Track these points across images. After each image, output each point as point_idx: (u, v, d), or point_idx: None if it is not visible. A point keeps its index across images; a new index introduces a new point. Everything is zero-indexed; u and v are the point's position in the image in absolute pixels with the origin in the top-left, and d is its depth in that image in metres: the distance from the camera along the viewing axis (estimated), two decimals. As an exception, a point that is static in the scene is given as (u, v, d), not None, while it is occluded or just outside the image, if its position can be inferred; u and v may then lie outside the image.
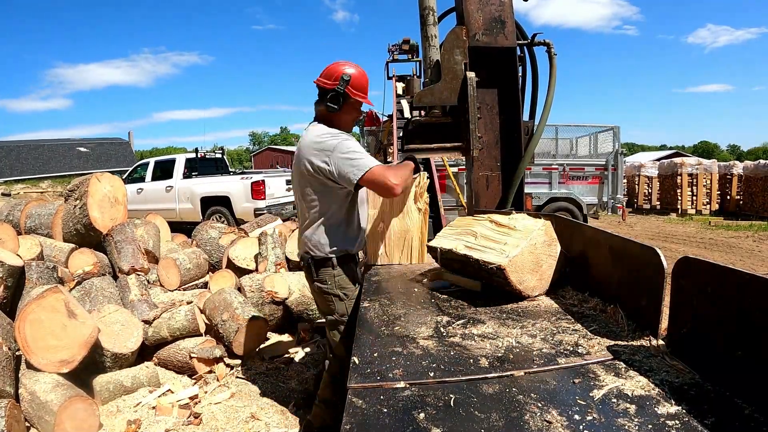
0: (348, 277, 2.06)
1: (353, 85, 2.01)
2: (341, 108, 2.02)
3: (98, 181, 4.05)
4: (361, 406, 0.93)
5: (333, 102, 2.00)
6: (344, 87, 1.98)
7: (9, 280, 2.88)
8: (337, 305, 2.05)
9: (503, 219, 1.81)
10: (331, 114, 2.03)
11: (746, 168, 14.55)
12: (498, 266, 1.51)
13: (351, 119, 2.13)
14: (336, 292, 2.03)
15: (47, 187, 14.54)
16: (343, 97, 2.00)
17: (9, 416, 2.11)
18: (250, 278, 3.69)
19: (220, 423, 2.47)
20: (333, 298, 2.04)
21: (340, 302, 2.04)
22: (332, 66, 2.04)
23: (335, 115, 2.04)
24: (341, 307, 2.05)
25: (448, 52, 2.38)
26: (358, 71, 2.03)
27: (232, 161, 34.65)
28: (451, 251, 1.76)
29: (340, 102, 2.00)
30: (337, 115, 2.04)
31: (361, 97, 2.04)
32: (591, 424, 0.85)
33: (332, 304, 2.05)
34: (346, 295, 2.04)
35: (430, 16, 2.54)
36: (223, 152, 10.76)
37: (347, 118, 2.09)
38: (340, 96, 1.99)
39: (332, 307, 2.05)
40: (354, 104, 2.06)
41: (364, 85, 2.05)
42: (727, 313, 0.97)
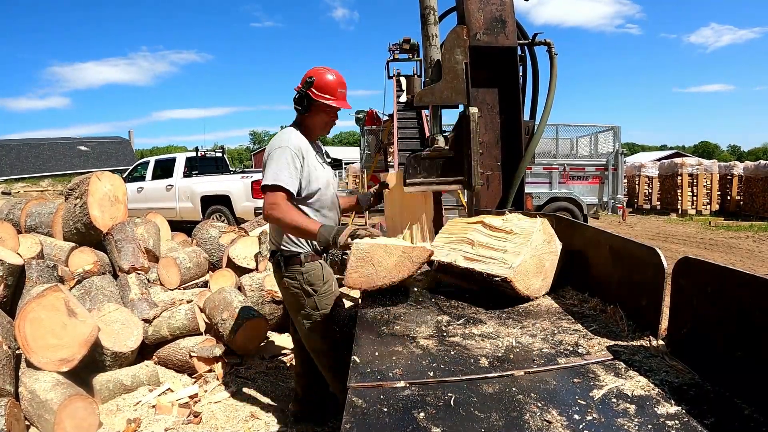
0: (316, 274, 2.06)
1: (317, 87, 2.01)
2: (307, 110, 2.04)
3: (98, 179, 4.05)
4: (361, 406, 0.93)
5: (297, 103, 2.04)
6: (307, 89, 2.01)
7: (9, 279, 2.88)
8: (307, 300, 2.06)
9: (497, 222, 1.78)
10: (301, 116, 2.08)
11: (746, 168, 14.54)
12: (504, 279, 1.50)
13: (321, 122, 2.10)
14: (305, 288, 2.04)
15: (47, 186, 14.54)
16: (306, 99, 2.02)
17: (9, 415, 2.11)
18: (250, 277, 3.69)
19: (219, 422, 2.47)
20: (302, 294, 2.06)
21: (309, 297, 2.05)
22: (308, 71, 2.08)
23: (304, 117, 2.08)
24: (311, 302, 2.06)
25: (448, 52, 2.38)
26: (326, 73, 2.04)
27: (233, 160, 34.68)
28: (451, 265, 1.73)
29: (304, 103, 2.03)
30: (305, 117, 2.08)
31: (325, 98, 2.02)
32: (591, 423, 0.85)
33: (302, 299, 2.06)
34: (315, 291, 2.05)
35: (430, 16, 2.53)
36: (223, 151, 10.75)
37: (316, 121, 2.09)
38: (303, 97, 2.02)
39: (302, 301, 2.07)
40: (321, 107, 2.04)
41: (330, 87, 2.03)
42: (727, 313, 0.97)
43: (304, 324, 2.10)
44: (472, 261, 1.65)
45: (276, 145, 1.97)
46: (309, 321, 2.08)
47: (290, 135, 2.02)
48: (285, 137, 2.00)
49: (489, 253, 1.64)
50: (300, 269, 2.05)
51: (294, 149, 1.95)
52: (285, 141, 1.97)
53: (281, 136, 2.02)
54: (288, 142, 1.96)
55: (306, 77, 2.03)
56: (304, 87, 2.02)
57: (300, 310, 2.09)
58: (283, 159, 1.92)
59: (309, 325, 2.09)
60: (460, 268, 1.67)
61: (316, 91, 2.01)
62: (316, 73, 2.03)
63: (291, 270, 2.06)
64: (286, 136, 2.02)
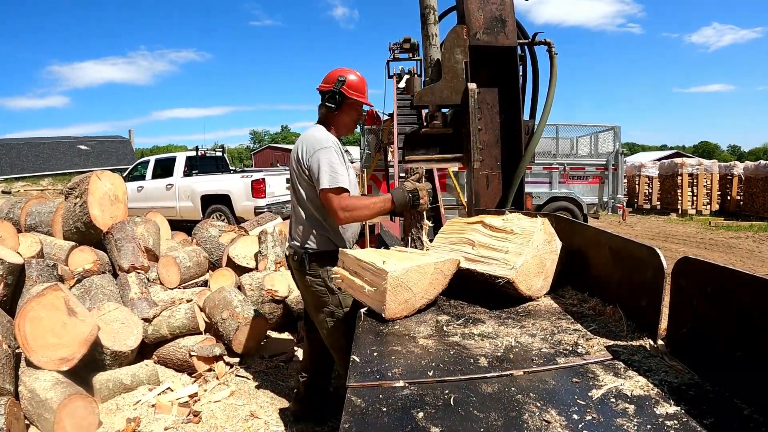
0: None
1: (349, 86, 2.10)
2: (339, 108, 2.11)
3: (98, 179, 4.05)
4: (360, 405, 0.93)
5: (330, 101, 2.10)
6: (340, 87, 2.08)
7: (9, 278, 2.88)
8: (331, 298, 2.08)
9: (498, 222, 1.78)
10: (330, 115, 2.13)
11: (747, 168, 14.54)
12: (507, 280, 1.50)
13: (350, 120, 2.19)
14: (329, 286, 2.06)
15: (47, 185, 14.54)
16: (339, 96, 2.09)
17: (8, 414, 2.11)
18: (250, 276, 3.69)
19: (219, 421, 2.47)
20: (326, 291, 2.08)
21: (333, 295, 2.07)
22: (332, 72, 2.15)
23: (334, 116, 2.13)
24: (335, 300, 2.08)
25: (448, 51, 2.37)
26: (356, 75, 2.14)
27: (233, 159, 34.67)
28: None
29: (337, 101, 2.09)
30: (335, 116, 2.13)
31: (358, 96, 2.12)
32: (590, 423, 0.85)
33: (325, 297, 2.09)
34: (339, 288, 2.04)
35: (430, 15, 2.53)
36: (223, 150, 10.75)
37: (346, 120, 2.17)
38: (336, 95, 2.08)
39: (325, 299, 2.09)
40: (352, 105, 2.13)
41: (360, 87, 2.14)
42: (727, 313, 0.97)
43: (327, 322, 2.12)
44: (474, 262, 1.65)
45: (319, 145, 1.99)
46: (332, 319, 2.10)
47: (326, 133, 2.07)
48: (323, 136, 2.04)
49: (490, 254, 1.63)
50: (325, 267, 2.06)
51: (336, 147, 2.01)
52: (325, 140, 2.01)
53: (317, 137, 2.05)
54: (329, 141, 2.01)
55: (337, 76, 2.10)
56: (336, 86, 2.08)
57: (323, 308, 2.11)
58: (334, 158, 1.97)
59: (332, 323, 2.10)
60: (462, 269, 1.66)
61: (348, 89, 2.09)
62: (345, 72, 2.12)
63: (315, 268, 2.09)
64: (323, 134, 2.06)
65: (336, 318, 2.09)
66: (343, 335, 2.08)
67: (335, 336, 2.12)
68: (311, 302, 2.20)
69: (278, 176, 8.74)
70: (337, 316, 2.09)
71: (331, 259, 2.04)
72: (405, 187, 2.02)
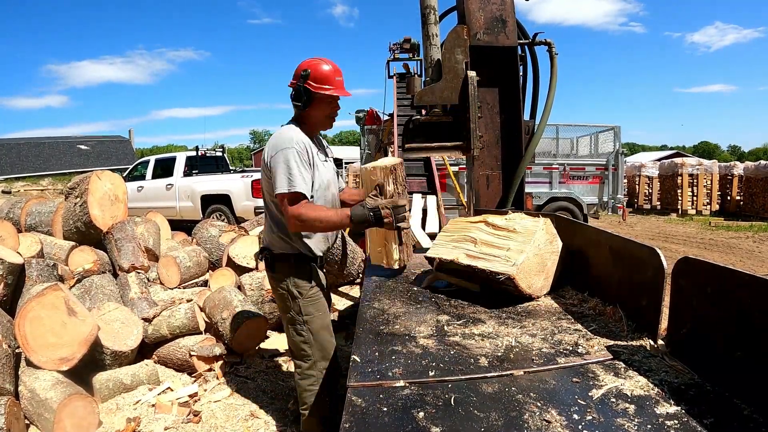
0: (304, 277, 1.98)
1: (314, 78, 1.92)
2: (307, 104, 1.95)
3: (99, 179, 4.05)
4: (360, 405, 0.93)
5: (295, 99, 1.96)
6: (303, 82, 1.92)
7: (9, 278, 2.88)
8: (292, 303, 1.99)
9: (501, 221, 1.78)
10: (301, 113, 1.99)
11: (747, 169, 14.54)
12: (507, 276, 1.50)
13: (323, 115, 2.01)
14: (290, 290, 1.97)
15: (47, 185, 14.54)
16: (304, 93, 1.92)
17: (9, 414, 2.11)
18: (250, 276, 3.69)
19: (219, 421, 2.47)
20: (287, 296, 1.99)
21: (294, 300, 1.98)
22: (299, 64, 1.98)
23: (304, 113, 1.99)
24: (296, 306, 1.98)
25: (449, 52, 2.38)
26: (320, 63, 1.94)
27: (233, 159, 34.63)
28: (453, 262, 1.72)
29: (302, 98, 1.93)
30: (306, 112, 1.98)
31: (324, 89, 1.92)
32: (590, 423, 0.85)
33: (288, 301, 2.00)
34: (300, 294, 1.98)
35: (431, 15, 2.53)
36: (223, 150, 10.75)
37: (317, 115, 1.99)
38: (300, 93, 1.93)
39: (288, 304, 2.00)
40: (321, 99, 1.95)
41: (327, 77, 1.93)
42: (727, 313, 0.97)
43: (288, 328, 2.05)
44: (475, 259, 1.65)
45: (279, 146, 1.87)
46: (291, 325, 2.01)
47: (291, 133, 1.92)
48: (286, 136, 1.91)
49: (492, 251, 1.64)
50: (288, 270, 1.98)
51: (298, 148, 1.87)
52: (287, 141, 1.88)
53: (282, 136, 1.92)
54: (290, 142, 1.87)
55: (300, 70, 1.94)
56: (300, 81, 1.92)
57: (285, 312, 2.03)
58: (292, 161, 1.83)
59: (291, 328, 2.02)
60: (463, 265, 1.66)
61: (313, 83, 1.92)
62: (309, 65, 1.94)
63: (279, 270, 2.01)
64: (288, 134, 1.92)
65: (295, 324, 2.00)
66: (299, 348, 2.00)
67: (293, 344, 2.04)
68: (278, 305, 2.13)
69: None
70: (297, 322, 2.00)
71: (297, 262, 1.99)
72: (366, 203, 1.88)
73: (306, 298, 1.98)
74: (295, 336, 2.01)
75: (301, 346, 2.01)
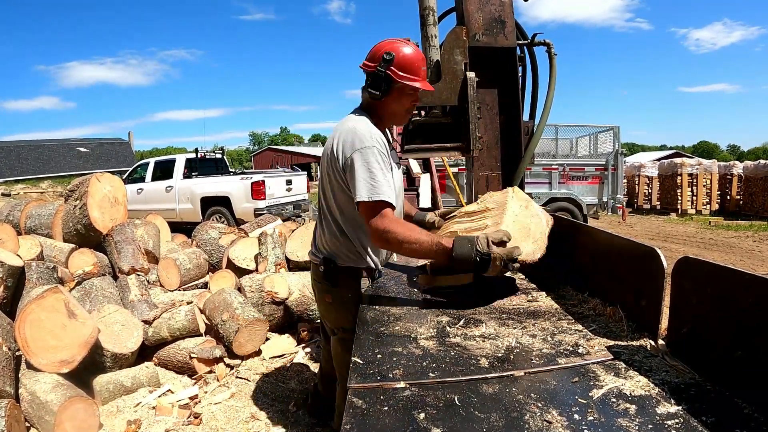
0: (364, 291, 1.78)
1: (398, 65, 1.64)
2: (386, 94, 1.67)
3: (98, 181, 4.05)
4: (361, 406, 0.93)
5: (374, 87, 1.66)
6: (386, 68, 1.63)
7: (9, 281, 2.88)
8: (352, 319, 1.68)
9: (474, 206, 1.79)
10: (375, 102, 1.70)
11: (746, 168, 14.55)
12: None
13: (401, 109, 1.74)
14: (351, 308, 1.70)
15: (47, 188, 14.55)
16: (385, 81, 1.64)
17: (9, 416, 2.11)
18: (250, 278, 3.69)
19: (220, 423, 2.47)
20: (347, 313, 1.73)
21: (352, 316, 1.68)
22: (377, 45, 1.71)
23: (379, 103, 1.70)
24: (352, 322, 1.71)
25: (448, 53, 2.38)
26: (406, 48, 1.67)
27: (232, 161, 34.67)
28: None
29: (381, 87, 1.65)
30: (381, 103, 1.70)
31: (409, 79, 1.65)
32: (591, 424, 0.85)
33: (347, 316, 1.73)
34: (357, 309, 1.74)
35: (429, 16, 2.53)
36: (223, 152, 10.77)
37: (396, 108, 1.72)
38: (380, 79, 1.64)
39: (348, 318, 1.72)
40: (403, 89, 1.67)
41: (413, 65, 1.66)
42: (728, 313, 0.97)
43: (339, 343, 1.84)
44: None
45: (360, 144, 1.58)
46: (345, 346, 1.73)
47: (368, 128, 1.63)
48: (365, 130, 1.61)
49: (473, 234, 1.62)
50: (354, 284, 1.76)
51: (380, 146, 1.60)
52: (368, 137, 1.59)
53: (360, 130, 1.61)
54: (372, 139, 1.59)
55: (383, 53, 1.64)
56: (382, 65, 1.63)
57: (340, 327, 1.82)
58: (374, 163, 1.56)
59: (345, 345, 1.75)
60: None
61: (398, 70, 1.64)
62: (393, 47, 1.65)
63: (344, 284, 1.78)
64: (366, 129, 1.62)
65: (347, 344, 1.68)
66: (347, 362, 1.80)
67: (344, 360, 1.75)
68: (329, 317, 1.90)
69: (278, 178, 8.75)
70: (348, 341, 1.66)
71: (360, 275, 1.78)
72: (478, 240, 1.46)
73: None
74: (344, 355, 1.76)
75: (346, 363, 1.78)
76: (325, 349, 2.26)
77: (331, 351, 2.01)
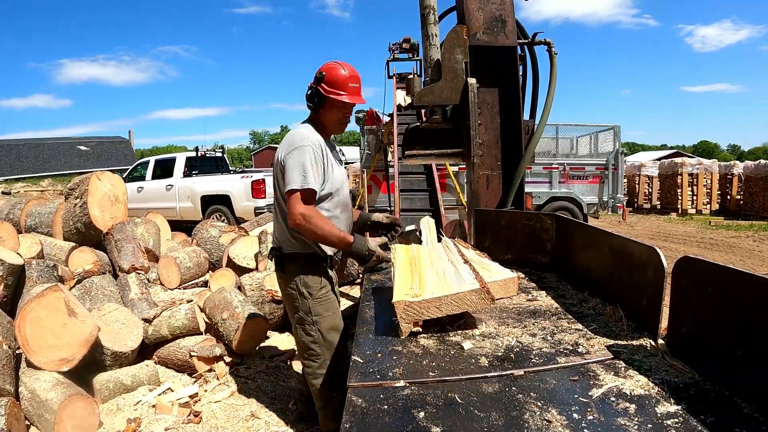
0: (314, 277, 1.99)
1: (327, 82, 1.94)
2: (320, 107, 1.97)
3: (98, 179, 4.05)
4: (361, 405, 0.93)
5: (308, 100, 1.99)
6: (317, 84, 1.95)
7: (9, 279, 2.88)
8: (301, 303, 1.99)
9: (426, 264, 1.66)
10: (315, 114, 2.02)
11: (747, 168, 14.53)
12: None
13: (334, 119, 2.03)
14: (300, 290, 1.98)
15: (47, 186, 14.54)
16: (317, 96, 1.96)
17: (9, 414, 2.11)
18: (250, 277, 3.69)
19: (220, 421, 2.47)
20: (297, 296, 1.99)
21: (304, 300, 1.98)
22: (321, 66, 2.02)
23: (318, 115, 2.01)
24: (305, 305, 1.99)
25: (448, 51, 2.38)
26: (338, 68, 1.96)
27: (233, 160, 34.64)
28: None
29: (314, 100, 1.97)
30: (318, 115, 2.01)
31: (335, 94, 1.93)
32: (591, 423, 0.86)
33: (297, 301, 2.00)
34: (310, 294, 1.99)
35: (430, 15, 2.53)
36: (223, 151, 10.76)
37: (330, 118, 2.01)
38: (314, 95, 1.97)
39: (297, 304, 2.00)
40: (334, 103, 1.96)
41: (341, 82, 1.94)
42: (727, 313, 0.97)
43: (297, 329, 2.05)
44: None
45: (296, 144, 1.89)
46: (301, 326, 2.02)
47: (306, 132, 1.95)
48: (303, 134, 1.93)
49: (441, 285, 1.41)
50: (298, 269, 1.99)
51: (314, 146, 1.89)
52: (303, 138, 1.90)
53: (298, 134, 1.94)
54: (307, 140, 1.89)
55: (317, 73, 1.97)
56: (314, 83, 1.96)
57: (294, 313, 2.04)
58: (307, 158, 1.85)
59: (300, 329, 2.03)
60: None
61: (326, 86, 1.94)
62: (326, 68, 1.97)
63: (289, 270, 2.01)
64: (304, 132, 1.94)
65: (304, 324, 2.01)
66: (308, 348, 2.01)
67: (301, 344, 2.06)
68: (286, 305, 2.13)
69: None
70: (306, 322, 2.00)
71: (307, 262, 2.00)
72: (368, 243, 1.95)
73: (315, 299, 1.99)
74: (304, 336, 2.02)
75: (310, 346, 2.01)
76: None
77: None
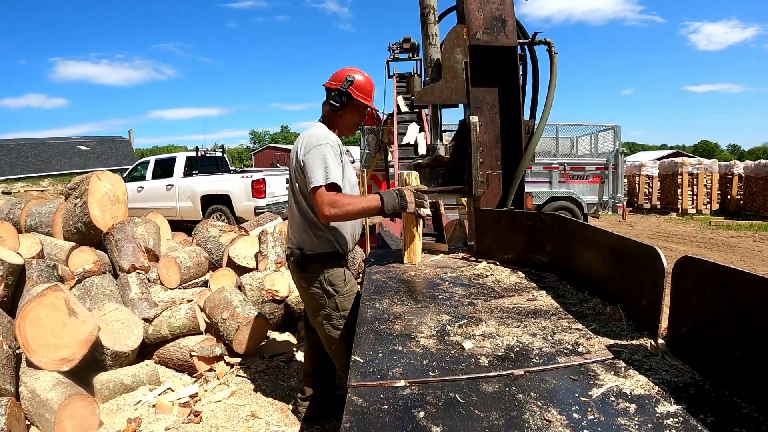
0: (338, 274, 2.08)
1: (357, 87, 2.08)
2: (343, 108, 2.09)
3: (99, 179, 4.05)
4: (361, 405, 0.93)
5: (335, 100, 2.08)
6: (347, 87, 2.06)
7: (9, 279, 2.88)
8: (327, 301, 2.07)
9: None
10: (333, 114, 2.11)
11: (747, 168, 14.55)
12: None
13: (352, 121, 2.17)
14: (326, 288, 2.06)
15: (48, 186, 14.54)
16: (345, 96, 2.07)
17: (9, 414, 2.11)
18: (251, 277, 3.69)
19: (220, 421, 2.47)
20: (322, 294, 2.07)
21: (330, 298, 2.06)
22: (341, 70, 2.14)
23: (337, 115, 2.11)
24: (332, 303, 2.07)
25: (448, 51, 2.38)
26: (365, 76, 2.13)
27: (233, 160, 34.65)
28: None
29: (342, 101, 2.07)
30: (338, 115, 2.11)
31: (364, 99, 2.10)
32: (591, 423, 0.86)
33: (322, 299, 2.07)
34: (336, 291, 2.06)
35: (430, 15, 2.53)
36: (223, 150, 10.77)
37: (348, 120, 2.15)
38: (342, 95, 2.07)
39: (322, 302, 2.08)
40: (356, 106, 2.12)
41: (367, 90, 2.13)
42: (727, 313, 0.97)
43: (324, 326, 2.10)
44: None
45: (315, 143, 1.96)
46: (329, 322, 2.09)
47: (325, 131, 2.05)
48: (321, 133, 2.01)
49: None
50: (321, 269, 2.05)
51: (333, 144, 1.98)
52: (322, 137, 1.98)
53: (316, 133, 2.02)
54: (326, 138, 1.98)
55: (345, 75, 2.08)
56: (343, 85, 2.06)
57: (320, 311, 2.10)
58: (329, 155, 1.93)
59: (329, 326, 2.09)
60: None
61: (356, 90, 2.08)
62: (354, 72, 2.11)
63: (312, 270, 2.07)
64: (322, 132, 2.03)
65: (333, 322, 2.08)
66: (340, 340, 2.07)
67: (332, 340, 2.11)
68: (308, 304, 2.19)
69: (278, 176, 8.74)
70: (335, 319, 2.07)
71: (329, 260, 2.07)
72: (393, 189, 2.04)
73: (342, 295, 2.06)
74: (333, 331, 2.09)
75: (340, 341, 2.06)
76: (307, 342, 2.49)
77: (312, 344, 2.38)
